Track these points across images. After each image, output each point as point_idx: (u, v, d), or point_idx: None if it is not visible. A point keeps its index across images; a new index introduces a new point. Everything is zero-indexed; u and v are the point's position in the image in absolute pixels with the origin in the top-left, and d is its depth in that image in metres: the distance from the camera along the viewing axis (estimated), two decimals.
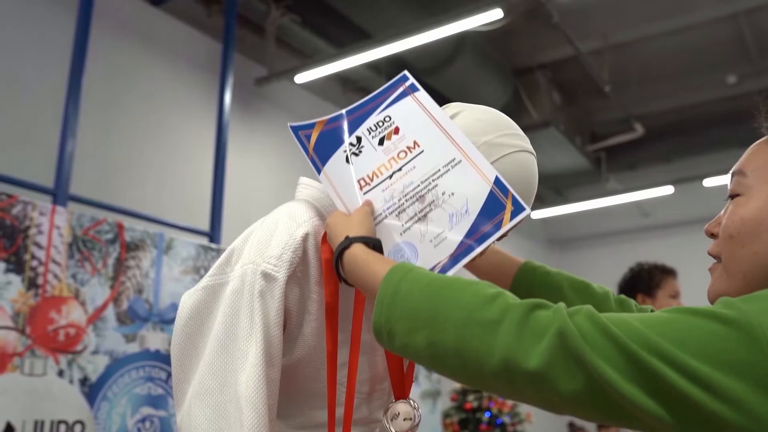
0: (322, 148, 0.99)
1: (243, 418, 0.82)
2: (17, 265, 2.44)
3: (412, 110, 0.99)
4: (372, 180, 0.94)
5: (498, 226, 0.88)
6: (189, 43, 4.68)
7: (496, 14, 4.00)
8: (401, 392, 0.98)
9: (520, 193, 0.94)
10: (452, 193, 0.91)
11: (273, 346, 0.87)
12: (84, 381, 2.57)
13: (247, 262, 0.90)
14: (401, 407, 0.97)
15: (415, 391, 4.68)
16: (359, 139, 0.98)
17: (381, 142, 0.97)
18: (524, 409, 6.58)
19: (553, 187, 8.39)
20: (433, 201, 0.91)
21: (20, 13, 3.61)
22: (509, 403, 6.24)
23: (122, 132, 4.09)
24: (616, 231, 9.20)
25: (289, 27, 4.90)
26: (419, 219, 0.91)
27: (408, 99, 1.00)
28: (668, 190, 6.92)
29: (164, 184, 4.33)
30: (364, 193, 0.93)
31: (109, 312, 2.70)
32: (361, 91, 5.96)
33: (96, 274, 2.68)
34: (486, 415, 6.16)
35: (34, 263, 2.49)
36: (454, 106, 1.01)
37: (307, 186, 1.02)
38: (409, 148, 0.95)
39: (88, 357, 2.60)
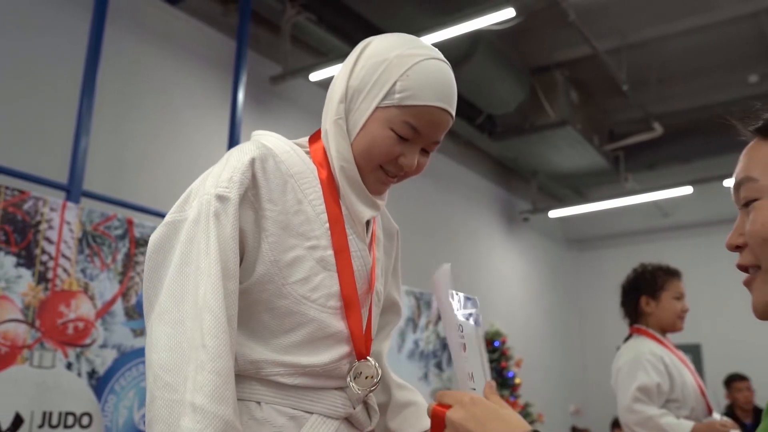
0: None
1: (203, 324, 0.88)
2: (28, 260, 2.49)
3: (473, 343, 0.95)
4: (472, 379, 0.92)
5: None
6: (204, 41, 4.72)
7: (508, 13, 3.99)
8: (362, 353, 1.04)
9: (439, 95, 1.00)
10: None
11: (229, 260, 0.93)
12: (92, 374, 2.62)
13: (203, 194, 0.97)
14: (363, 366, 1.04)
15: (425, 390, 4.67)
16: (461, 327, 0.94)
17: (464, 348, 0.94)
18: (536, 409, 6.55)
19: (571, 186, 8.32)
20: None
21: (35, 10, 3.68)
22: (520, 402, 6.23)
23: (135, 129, 4.14)
24: (635, 231, 9.10)
25: (304, 25, 4.92)
26: None
27: (474, 326, 0.98)
28: (687, 190, 6.84)
29: (177, 181, 4.37)
30: (471, 389, 0.90)
31: (118, 306, 2.74)
32: None
33: (105, 269, 2.73)
34: None
35: (45, 258, 2.54)
36: (367, 40, 1.08)
37: (261, 135, 1.09)
38: (472, 376, 0.93)
39: (97, 350, 2.64)
